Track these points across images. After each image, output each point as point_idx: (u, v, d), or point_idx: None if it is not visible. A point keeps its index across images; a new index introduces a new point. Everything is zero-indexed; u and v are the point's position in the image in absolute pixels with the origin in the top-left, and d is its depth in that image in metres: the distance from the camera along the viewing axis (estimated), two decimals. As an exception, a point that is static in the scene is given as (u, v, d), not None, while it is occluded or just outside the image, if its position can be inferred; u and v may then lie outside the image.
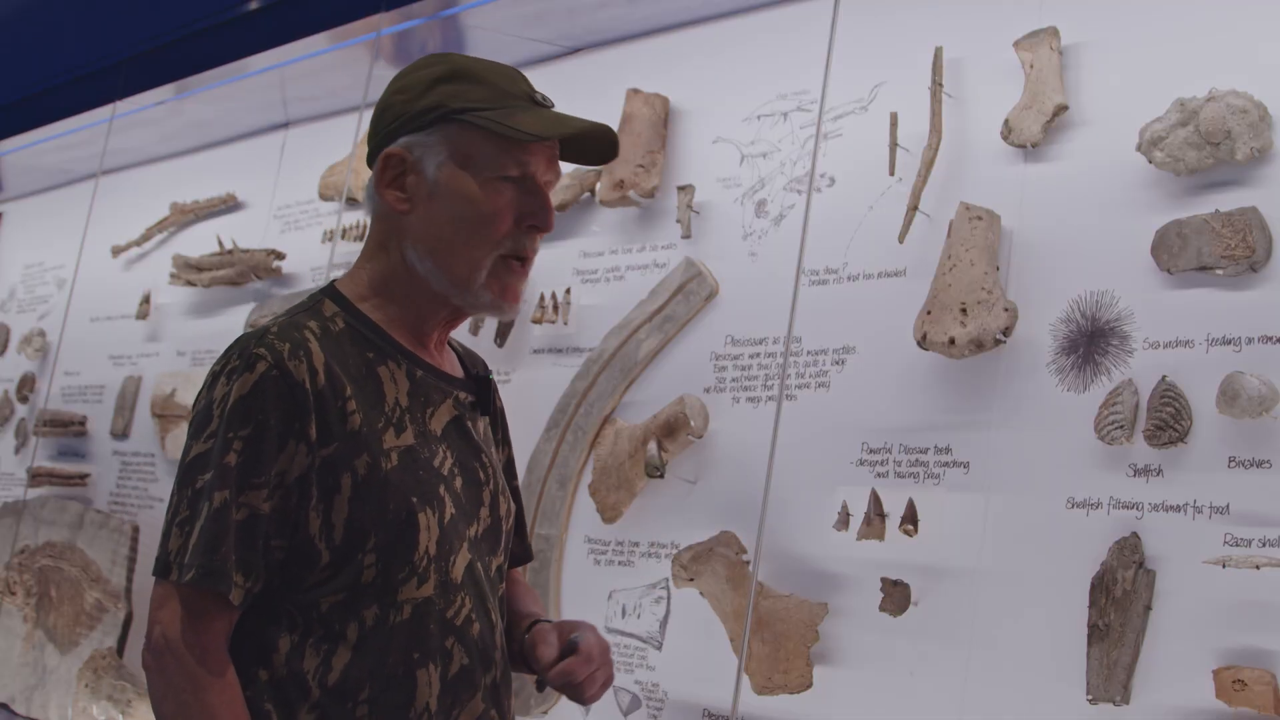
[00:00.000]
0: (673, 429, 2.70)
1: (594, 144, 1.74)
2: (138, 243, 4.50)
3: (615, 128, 2.98)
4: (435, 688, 1.62)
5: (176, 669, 1.53)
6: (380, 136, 1.70)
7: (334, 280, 1.75)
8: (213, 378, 1.61)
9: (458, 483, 1.69)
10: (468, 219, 1.65)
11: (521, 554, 1.93)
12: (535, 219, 1.68)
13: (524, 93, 1.70)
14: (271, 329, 1.62)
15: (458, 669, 1.64)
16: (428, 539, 1.62)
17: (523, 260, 1.70)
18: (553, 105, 1.72)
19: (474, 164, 1.65)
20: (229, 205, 4.25)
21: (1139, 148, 2.15)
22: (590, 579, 2.86)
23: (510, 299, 1.71)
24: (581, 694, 1.73)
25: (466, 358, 1.85)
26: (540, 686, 1.81)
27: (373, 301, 1.71)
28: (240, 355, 1.59)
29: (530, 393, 3.09)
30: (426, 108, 1.66)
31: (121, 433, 4.36)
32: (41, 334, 4.87)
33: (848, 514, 2.41)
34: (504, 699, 1.72)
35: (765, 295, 2.66)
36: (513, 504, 1.83)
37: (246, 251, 3.98)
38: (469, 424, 1.75)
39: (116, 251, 4.58)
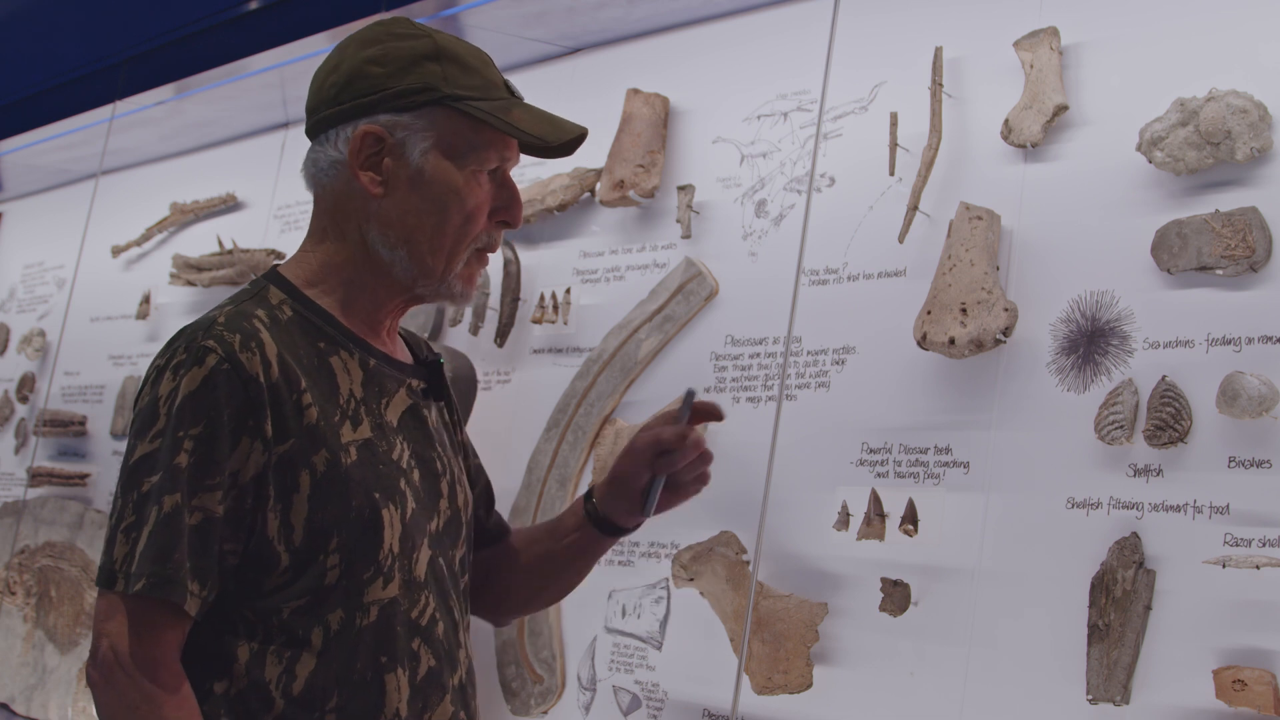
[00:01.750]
0: (673, 429, 2.70)
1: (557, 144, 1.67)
2: (138, 243, 4.50)
3: (615, 128, 2.98)
4: (405, 692, 1.56)
5: (128, 684, 1.44)
6: (346, 107, 1.59)
7: (276, 265, 1.67)
8: (156, 372, 1.51)
9: (416, 475, 1.62)
10: (450, 211, 1.58)
11: (500, 529, 1.87)
12: (508, 214, 1.64)
13: (501, 81, 1.64)
14: (218, 319, 1.53)
15: (425, 671, 1.58)
16: (391, 536, 1.55)
17: (487, 251, 1.66)
18: (521, 96, 1.66)
19: (459, 154, 1.58)
20: (229, 205, 4.25)
21: (1139, 148, 2.15)
22: (590, 579, 2.85)
23: (473, 286, 1.66)
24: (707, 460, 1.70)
25: (412, 342, 1.77)
26: (646, 508, 1.72)
27: (322, 286, 1.61)
28: (187, 348, 1.50)
29: (530, 393, 3.09)
30: (414, 87, 1.57)
31: (121, 433, 4.36)
32: (41, 334, 4.87)
33: (848, 514, 2.41)
34: (470, 699, 1.67)
35: (765, 295, 2.66)
36: (470, 493, 1.75)
37: (246, 251, 3.98)
38: (424, 412, 1.68)
39: (116, 251, 4.57)
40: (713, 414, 1.74)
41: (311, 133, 1.64)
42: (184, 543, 1.44)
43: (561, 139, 1.62)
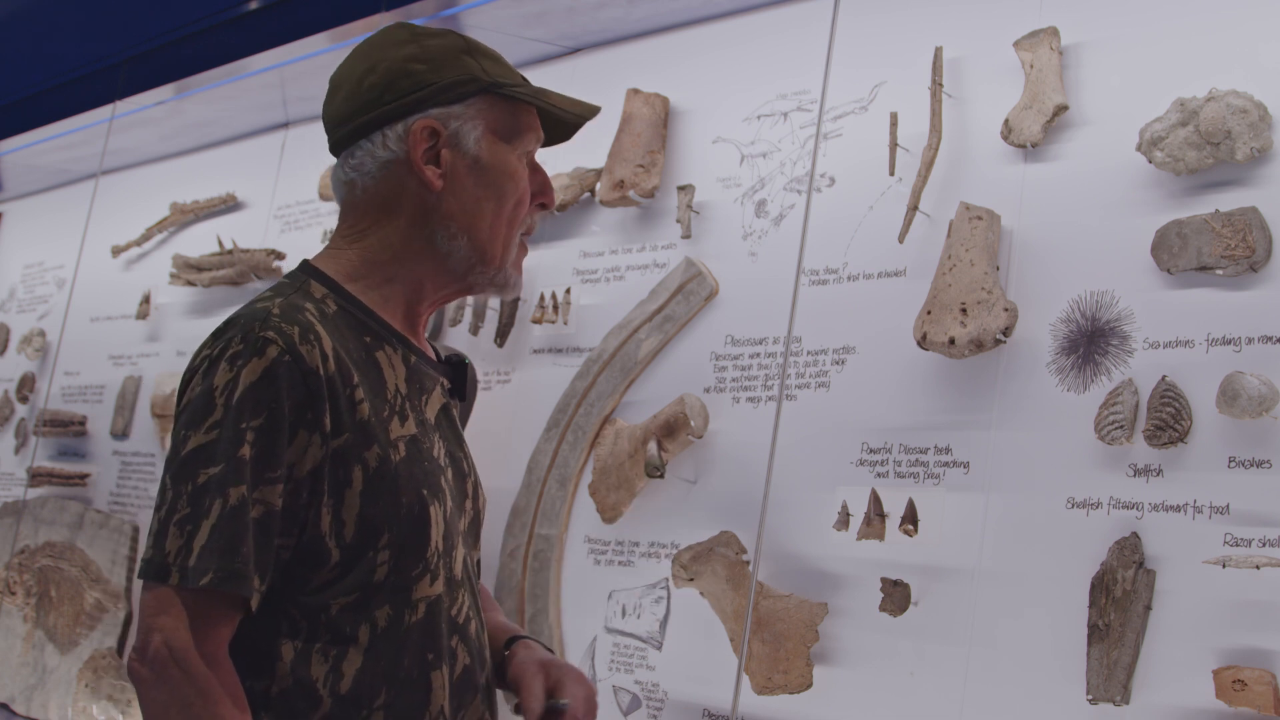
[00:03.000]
0: (673, 429, 2.70)
1: (562, 127, 1.75)
2: (138, 243, 4.50)
3: (615, 128, 2.99)
4: (447, 690, 1.55)
5: (183, 680, 1.41)
6: (393, 106, 1.61)
7: (308, 259, 1.66)
8: (208, 363, 1.49)
9: (449, 473, 1.63)
10: (507, 194, 1.63)
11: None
12: (545, 196, 1.69)
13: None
14: (273, 311, 1.51)
15: (461, 669, 1.58)
16: (437, 534, 1.56)
17: (528, 236, 1.71)
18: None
19: (509, 139, 1.63)
20: (229, 205, 4.25)
21: (1139, 148, 2.15)
22: (590, 579, 2.86)
23: (522, 278, 1.70)
24: None
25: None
26: (518, 710, 1.72)
27: (364, 282, 1.62)
28: (244, 339, 1.48)
29: (530, 393, 3.09)
30: (461, 79, 1.61)
31: (121, 433, 4.36)
32: (41, 334, 4.87)
33: (848, 514, 2.41)
34: (493, 699, 1.67)
35: (765, 295, 2.66)
36: (486, 496, 1.78)
37: (246, 251, 3.98)
38: (453, 412, 1.70)
39: (116, 251, 4.58)
40: None
41: (349, 138, 1.64)
42: (250, 536, 1.43)
43: (589, 114, 1.71)
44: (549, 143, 1.74)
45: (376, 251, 1.62)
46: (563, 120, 1.72)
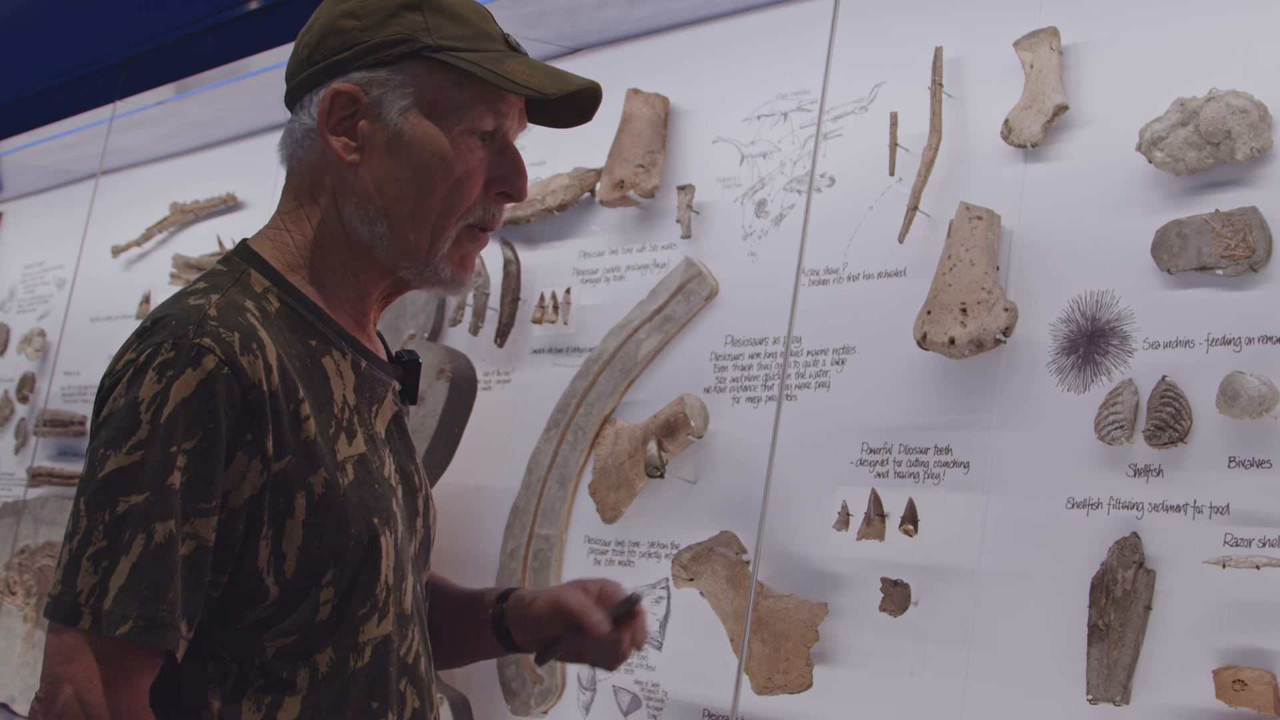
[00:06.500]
0: (673, 429, 2.70)
1: (569, 106, 1.50)
2: (138, 243, 4.50)
3: (615, 128, 2.98)
4: None
5: None
6: (320, 68, 1.41)
7: (247, 241, 1.46)
8: (132, 370, 1.28)
9: (399, 492, 1.44)
10: (435, 178, 1.39)
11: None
12: (508, 184, 1.44)
13: (499, 34, 1.45)
14: (209, 311, 1.31)
15: (411, 714, 1.42)
16: (387, 566, 1.37)
17: (485, 230, 1.45)
18: (525, 52, 1.48)
19: (444, 113, 1.39)
20: (229, 205, 4.25)
21: (1139, 148, 2.15)
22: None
23: (468, 271, 1.45)
24: (620, 659, 1.52)
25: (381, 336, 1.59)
26: (541, 660, 1.56)
27: (305, 272, 1.42)
28: (176, 345, 1.27)
29: (530, 393, 3.09)
30: (392, 39, 1.38)
31: (122, 433, 4.35)
32: (41, 334, 4.87)
33: (848, 514, 2.41)
34: None
35: (765, 295, 2.66)
36: (436, 507, 1.59)
37: (246, 251, 3.98)
38: (405, 420, 1.51)
39: (116, 251, 4.58)
40: (637, 636, 1.53)
41: (289, 101, 1.49)
42: (177, 578, 1.24)
43: (561, 90, 1.42)
44: (553, 124, 1.52)
45: (311, 236, 1.43)
46: (558, 100, 1.45)
